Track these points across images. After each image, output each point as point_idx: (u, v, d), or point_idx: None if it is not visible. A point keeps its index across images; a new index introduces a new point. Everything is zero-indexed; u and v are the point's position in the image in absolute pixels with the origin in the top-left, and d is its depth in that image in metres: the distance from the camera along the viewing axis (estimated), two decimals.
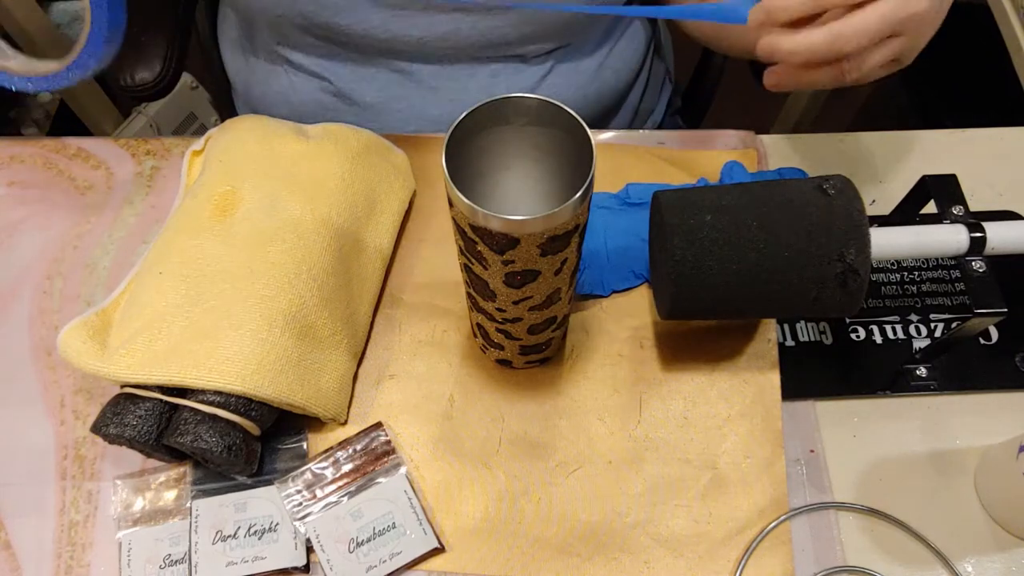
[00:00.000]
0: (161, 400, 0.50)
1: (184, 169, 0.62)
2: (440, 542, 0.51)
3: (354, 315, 0.56)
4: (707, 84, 0.91)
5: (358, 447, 0.54)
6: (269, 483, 0.53)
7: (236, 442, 0.49)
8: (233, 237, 0.53)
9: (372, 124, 0.64)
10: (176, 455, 0.53)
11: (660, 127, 0.86)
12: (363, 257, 0.58)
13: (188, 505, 0.52)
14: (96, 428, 0.50)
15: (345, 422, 0.56)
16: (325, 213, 0.55)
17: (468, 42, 0.65)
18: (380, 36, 0.65)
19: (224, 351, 0.49)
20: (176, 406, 0.50)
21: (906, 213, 0.57)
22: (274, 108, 0.74)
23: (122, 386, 0.51)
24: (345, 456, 0.54)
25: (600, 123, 0.77)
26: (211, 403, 0.49)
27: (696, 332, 0.59)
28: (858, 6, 0.42)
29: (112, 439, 0.50)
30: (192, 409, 0.49)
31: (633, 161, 0.66)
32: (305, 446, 0.55)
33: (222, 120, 0.63)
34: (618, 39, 0.73)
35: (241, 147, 0.58)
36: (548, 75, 0.70)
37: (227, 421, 0.49)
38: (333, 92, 0.71)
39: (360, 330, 0.57)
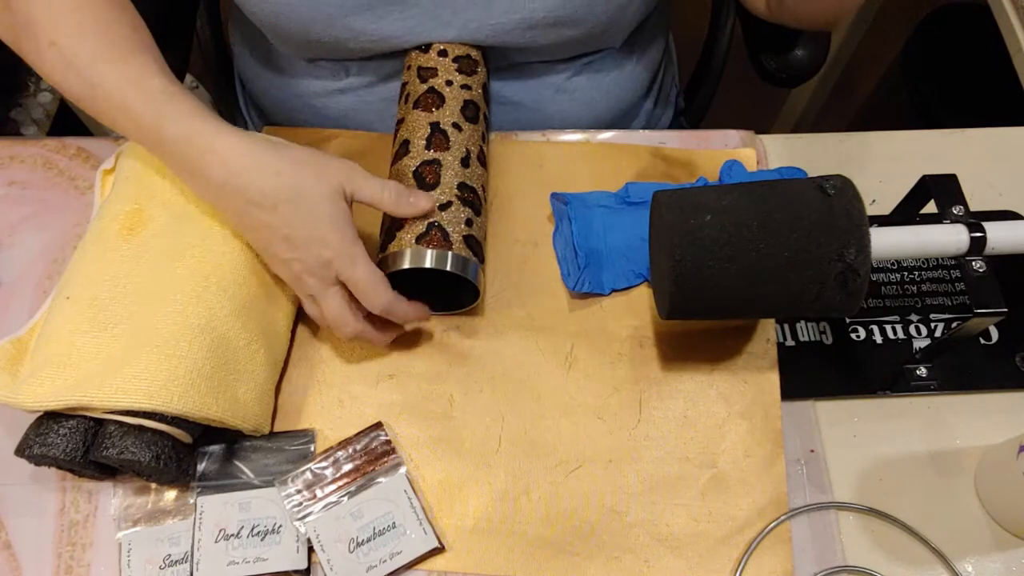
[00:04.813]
0: (85, 417, 0.49)
1: (97, 189, 0.61)
2: (440, 542, 0.51)
3: (272, 324, 0.56)
4: (707, 84, 0.91)
5: (358, 447, 0.54)
6: (274, 484, 0.53)
7: (165, 451, 0.49)
8: (141, 256, 0.52)
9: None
10: (107, 471, 0.52)
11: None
12: None
13: (193, 501, 0.52)
14: (20, 451, 0.49)
15: (269, 432, 0.55)
16: (233, 227, 0.54)
17: (531, 51, 0.64)
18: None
19: (130, 369, 0.48)
20: (101, 421, 0.49)
21: (906, 213, 0.57)
22: (294, 113, 0.74)
23: None
24: (345, 456, 0.54)
25: (613, 127, 0.76)
26: (136, 414, 0.48)
27: (696, 332, 0.59)
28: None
29: (38, 460, 0.49)
30: (117, 422, 0.48)
31: (633, 161, 0.66)
32: (312, 448, 0.55)
33: None
34: (642, 44, 0.73)
35: (149, 163, 0.57)
36: (576, 75, 0.70)
37: (154, 431, 0.49)
38: (359, 98, 0.70)
39: (279, 339, 0.57)
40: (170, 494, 0.53)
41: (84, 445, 0.49)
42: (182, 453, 0.51)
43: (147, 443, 0.48)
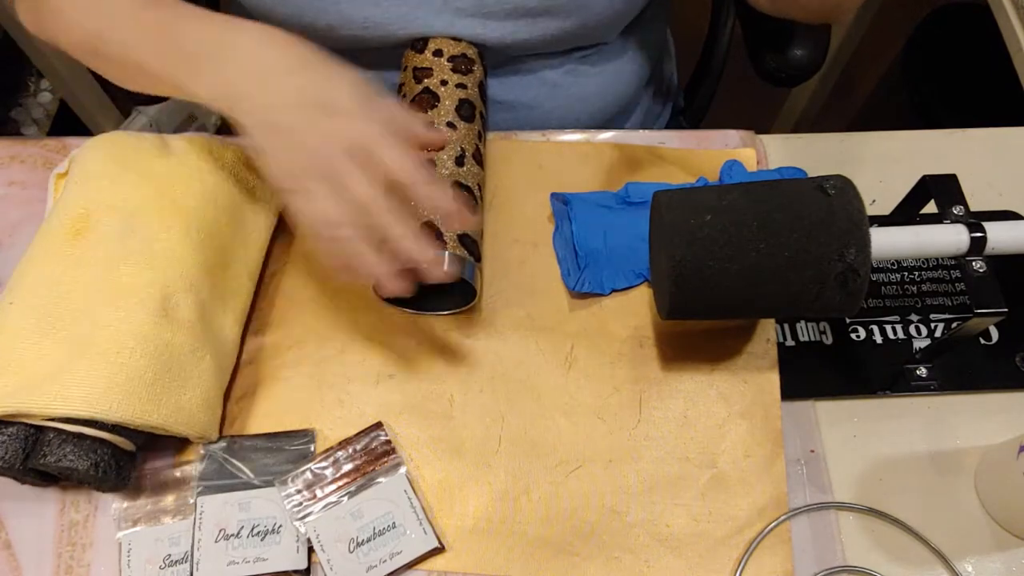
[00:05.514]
0: (25, 424, 0.49)
1: (49, 192, 0.60)
2: (440, 542, 0.52)
3: (219, 331, 0.55)
4: (707, 83, 0.91)
5: (358, 447, 0.54)
6: (274, 484, 0.53)
7: (104, 459, 0.49)
8: (86, 261, 0.52)
9: None
10: (48, 479, 0.52)
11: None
12: (228, 273, 0.56)
13: (193, 501, 0.52)
14: None
15: (216, 439, 0.54)
16: (183, 231, 0.54)
17: (526, 44, 0.64)
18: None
19: (70, 376, 0.48)
20: (42, 428, 0.49)
21: (906, 213, 0.57)
22: None
23: None
24: (345, 456, 0.54)
25: (611, 125, 0.76)
26: (76, 422, 0.48)
27: (696, 332, 0.59)
28: None
29: None
30: (57, 430, 0.48)
31: (633, 161, 0.66)
32: (312, 448, 0.55)
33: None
34: (639, 38, 0.73)
35: (99, 167, 0.56)
36: (570, 73, 0.70)
37: (94, 438, 0.48)
38: None
39: (227, 346, 0.56)
40: (170, 494, 0.53)
41: (24, 453, 0.48)
42: (123, 460, 0.50)
43: (86, 451, 0.48)
